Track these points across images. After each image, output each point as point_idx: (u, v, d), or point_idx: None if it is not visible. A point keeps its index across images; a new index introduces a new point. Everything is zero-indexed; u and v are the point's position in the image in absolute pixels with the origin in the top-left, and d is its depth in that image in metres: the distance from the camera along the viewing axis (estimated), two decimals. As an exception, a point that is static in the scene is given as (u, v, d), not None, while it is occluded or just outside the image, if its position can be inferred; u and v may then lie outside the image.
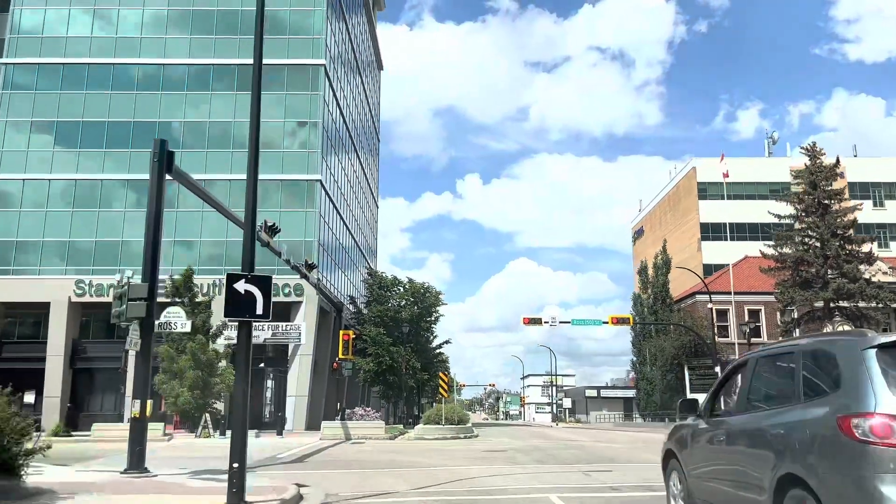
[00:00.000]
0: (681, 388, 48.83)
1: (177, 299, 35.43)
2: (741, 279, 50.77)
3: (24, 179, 43.18)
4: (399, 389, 42.47)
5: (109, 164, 43.58)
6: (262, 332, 40.43)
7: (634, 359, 59.48)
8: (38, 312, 41.53)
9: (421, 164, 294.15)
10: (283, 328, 40.56)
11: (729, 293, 45.20)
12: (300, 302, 41.13)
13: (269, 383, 42.67)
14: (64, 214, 42.91)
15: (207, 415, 28.80)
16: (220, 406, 35.32)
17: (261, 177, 36.78)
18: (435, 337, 52.25)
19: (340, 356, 33.44)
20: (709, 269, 65.23)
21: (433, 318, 45.85)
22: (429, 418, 28.84)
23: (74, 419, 39.78)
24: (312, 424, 38.20)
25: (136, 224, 42.69)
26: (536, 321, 40.79)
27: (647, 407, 54.17)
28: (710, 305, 43.46)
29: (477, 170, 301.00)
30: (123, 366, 37.00)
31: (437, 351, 52.38)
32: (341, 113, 51.48)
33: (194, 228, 43.12)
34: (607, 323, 41.78)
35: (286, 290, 41.10)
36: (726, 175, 46.16)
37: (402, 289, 45.75)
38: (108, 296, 40.82)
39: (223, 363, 33.98)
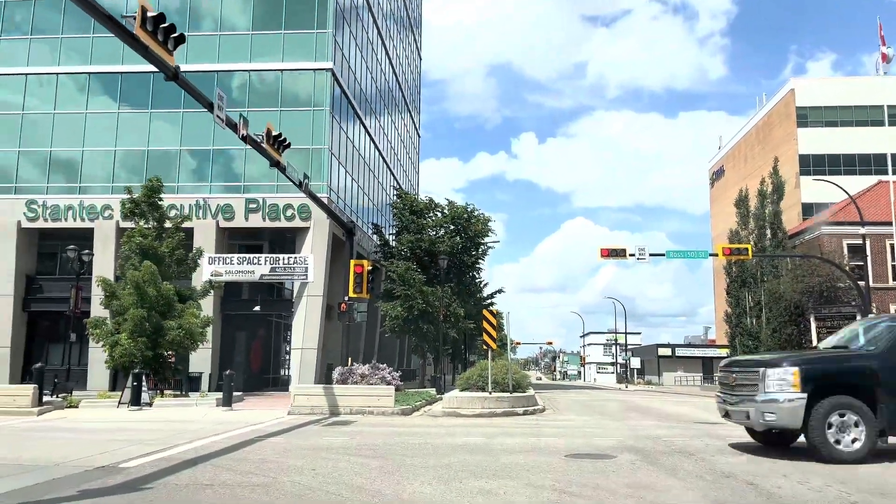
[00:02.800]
0: (800, 343, 37.88)
1: (139, 220, 26.36)
2: (874, 210, 39.12)
3: (-38, 74, 34.47)
4: (436, 342, 32.88)
5: (66, 53, 34.43)
6: (259, 267, 31.44)
7: (729, 310, 48.43)
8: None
9: (475, 124, 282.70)
10: (286, 262, 31.38)
11: (860, 224, 33.64)
12: (306, 228, 31.82)
13: (264, 332, 33.63)
14: (12, 118, 34.16)
15: (143, 373, 19.62)
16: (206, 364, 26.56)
17: (255, 66, 25.66)
18: (483, 283, 42.33)
19: (351, 294, 24.07)
20: (808, 210, 54.52)
21: (480, 252, 35.84)
22: (467, 382, 19.19)
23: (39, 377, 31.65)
24: (328, 382, 28.89)
25: (103, 129, 33.77)
26: (618, 253, 30.46)
27: (750, 368, 43.32)
28: (862, 231, 32.16)
29: (532, 129, 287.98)
30: (73, 305, 28.24)
31: (488, 301, 42.57)
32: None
33: (171, 133, 33.87)
34: (715, 255, 31.11)
35: (288, 213, 31.93)
36: (885, 58, 34.09)
37: (439, 214, 35.78)
38: (66, 220, 32.22)
39: (191, 304, 24.76)
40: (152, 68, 13.37)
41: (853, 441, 9.15)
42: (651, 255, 31.54)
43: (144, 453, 9.91)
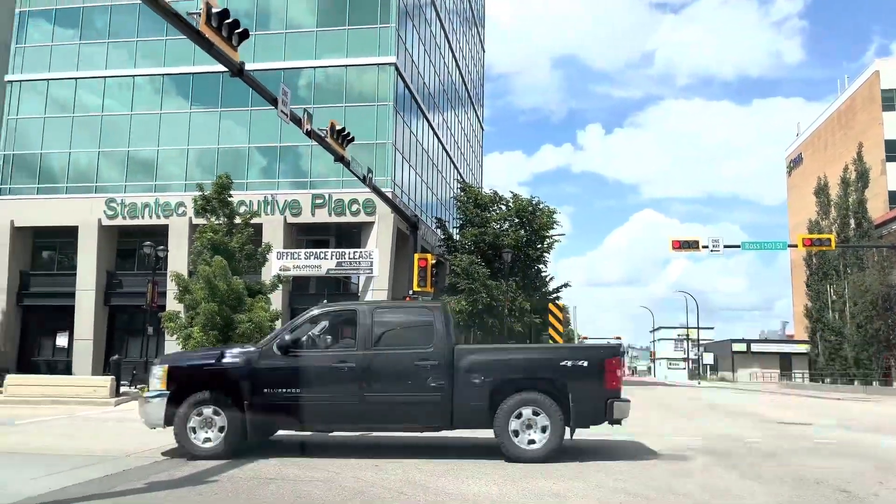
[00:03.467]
0: (888, 339, 35.81)
1: (210, 216, 27.03)
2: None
3: (48, 80, 36.11)
4: (500, 336, 32.55)
5: (142, 56, 35.64)
6: (325, 262, 31.76)
7: (809, 304, 46.27)
8: (67, 241, 34.82)
9: (539, 116, 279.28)
10: (352, 256, 31.58)
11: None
12: (371, 223, 31.97)
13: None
14: (93, 120, 35.62)
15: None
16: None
17: (320, 63, 25.75)
18: (548, 276, 41.71)
19: (415, 288, 23.95)
20: (895, 198, 51.52)
21: (545, 245, 35.28)
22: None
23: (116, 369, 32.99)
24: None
25: (176, 128, 34.87)
26: (691, 245, 29.38)
27: (833, 363, 41.30)
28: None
29: (598, 119, 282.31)
30: (150, 300, 29.18)
31: (554, 296, 41.87)
32: (426, -13, 41.02)
33: (240, 131, 34.64)
34: (795, 246, 29.64)
35: (353, 208, 32.11)
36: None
37: (503, 207, 35.39)
38: (143, 217, 33.42)
39: (260, 298, 25.15)
40: (222, 68, 13.54)
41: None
42: (725, 246, 30.37)
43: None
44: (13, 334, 35.23)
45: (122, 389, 23.39)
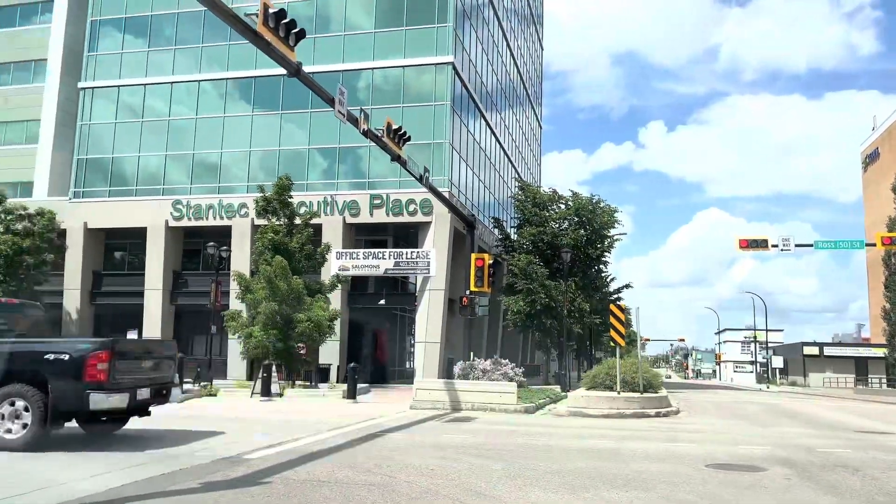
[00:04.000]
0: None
1: (271, 217, 27.57)
2: None
3: (118, 86, 37.36)
4: (559, 337, 31.99)
5: (207, 62, 36.48)
6: (383, 261, 31.86)
7: (888, 306, 43.95)
8: (136, 242, 35.93)
9: (599, 114, 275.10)
10: (409, 256, 31.57)
11: None
12: (428, 222, 31.89)
13: (390, 325, 34.05)
14: (160, 124, 36.69)
15: (273, 365, 20.23)
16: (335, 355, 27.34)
17: (378, 64, 25.84)
18: (609, 277, 40.80)
19: (472, 288, 23.77)
20: (981, 195, 48.15)
21: (605, 244, 34.47)
22: (593, 380, 18.25)
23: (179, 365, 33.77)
24: (448, 377, 28.88)
25: (239, 131, 35.59)
26: (759, 244, 28.19)
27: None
28: None
29: (661, 117, 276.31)
30: (213, 299, 29.77)
31: (615, 296, 41.03)
32: (483, -15, 40.66)
33: (300, 133, 35.09)
34: (873, 245, 28.11)
35: (411, 208, 32.08)
36: None
37: (562, 206, 34.75)
38: (207, 218, 34.19)
39: (319, 297, 25.41)
40: (282, 71, 13.59)
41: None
42: (797, 245, 29.00)
43: (268, 444, 9.98)
44: (87, 333, 36.54)
45: (186, 387, 23.93)
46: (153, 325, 35.17)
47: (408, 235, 34.87)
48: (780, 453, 10.45)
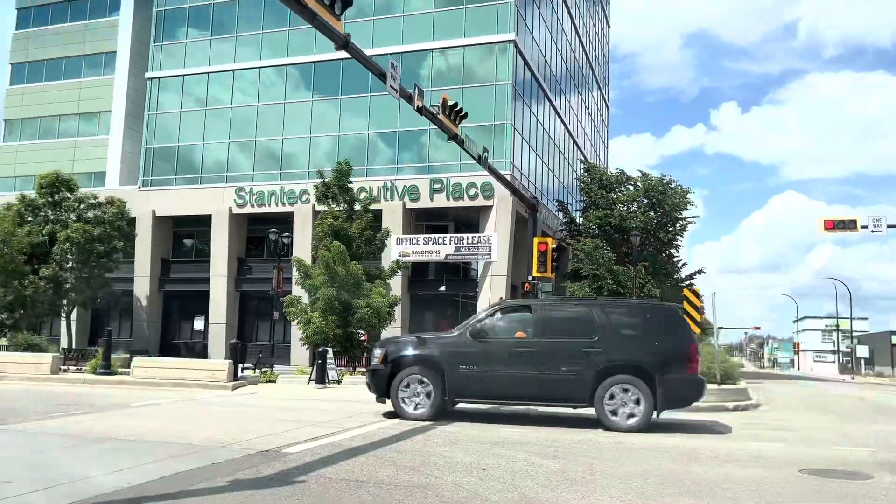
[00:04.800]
0: None
1: (331, 203, 27.32)
2: None
3: (183, 75, 37.82)
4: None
5: (268, 48, 36.48)
6: (443, 247, 31.15)
7: None
8: (202, 229, 36.37)
9: (669, 97, 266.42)
10: (470, 241, 30.74)
11: None
12: (489, 206, 30.92)
13: (451, 312, 33.34)
14: (223, 112, 36.95)
15: (329, 349, 19.76)
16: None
17: (437, 45, 25.01)
18: (680, 262, 38.84)
19: (534, 273, 22.68)
20: None
21: (677, 227, 32.71)
22: (666, 370, 16.84)
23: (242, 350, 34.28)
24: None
25: (300, 117, 35.50)
26: (846, 225, 26.08)
27: None
28: None
29: (734, 97, 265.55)
30: (276, 285, 29.77)
31: (687, 283, 39.02)
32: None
33: (360, 118, 34.64)
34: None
35: (471, 192, 31.18)
36: None
37: (631, 187, 33.16)
38: (270, 205, 34.28)
39: (378, 283, 24.90)
40: (342, 55, 12.96)
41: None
42: (889, 226, 26.64)
43: (311, 437, 9.32)
44: (156, 318, 37.36)
45: (240, 374, 23.86)
46: (218, 311, 35.58)
47: (469, 220, 34.03)
48: (886, 456, 9.12)
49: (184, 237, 38.99)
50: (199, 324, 37.29)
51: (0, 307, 26.90)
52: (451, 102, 16.98)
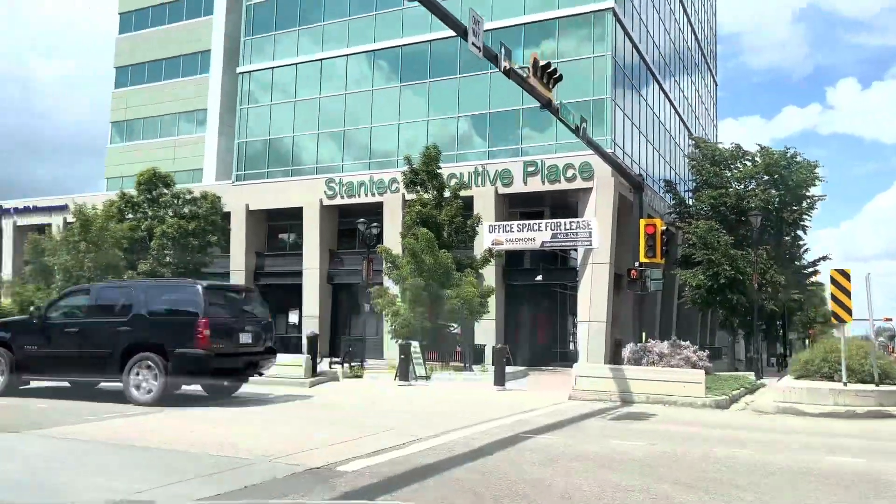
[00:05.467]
0: None
1: (419, 190, 26.04)
2: None
3: (272, 68, 37.53)
4: (748, 316, 27.41)
5: (354, 35, 35.52)
6: (539, 233, 29.14)
7: None
8: (294, 222, 35.93)
9: (779, 76, 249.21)
10: (568, 227, 28.55)
11: None
12: (588, 189, 28.61)
13: (548, 303, 31.21)
14: (312, 103, 36.38)
15: (416, 344, 18.24)
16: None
17: (527, 19, 22.59)
18: (804, 247, 34.86)
19: (642, 259, 20.32)
20: None
21: (804, 206, 29.13)
22: (805, 367, 14.30)
23: (333, 344, 33.78)
24: (616, 361, 25.59)
25: (387, 104, 34.38)
26: None
27: None
28: None
29: (853, 73, 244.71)
30: (367, 275, 28.78)
31: (810, 270, 35.11)
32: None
33: (449, 101, 33.05)
34: None
35: (568, 174, 29.03)
36: None
37: (748, 163, 29.82)
38: (360, 195, 33.33)
39: (469, 272, 23.30)
40: (430, 36, 11.45)
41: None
42: None
43: (376, 450, 7.69)
44: (252, 311, 37.35)
45: (334, 368, 22.80)
46: (311, 304, 35.02)
47: (566, 205, 31.71)
48: None
49: (277, 230, 38.79)
50: (293, 317, 36.96)
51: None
52: (542, 62, 14.97)
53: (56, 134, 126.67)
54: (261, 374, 12.80)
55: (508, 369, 24.07)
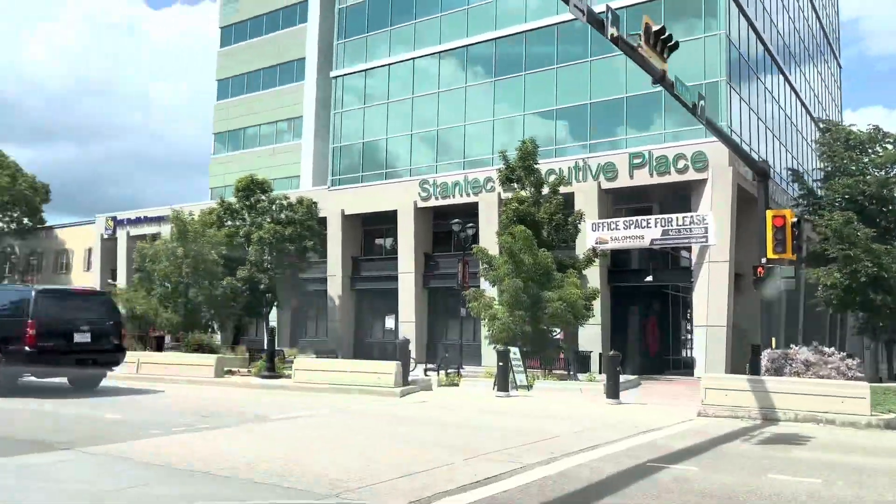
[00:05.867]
0: None
1: (516, 187, 24.59)
2: None
3: (365, 70, 37.05)
4: (893, 319, 24.00)
5: (447, 31, 34.46)
6: (648, 231, 27.00)
7: None
8: (389, 226, 35.19)
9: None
10: (680, 223, 26.24)
11: None
12: (703, 180, 26.14)
13: (660, 307, 28.80)
14: (404, 104, 35.56)
15: (515, 350, 16.65)
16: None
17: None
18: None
19: (769, 255, 17.98)
20: None
21: (961, 193, 25.38)
22: None
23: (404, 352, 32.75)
24: (739, 369, 22.98)
25: (481, 101, 33.10)
26: None
27: None
28: None
29: None
30: (462, 278, 27.64)
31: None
32: None
33: (546, 94, 31.34)
34: None
35: (679, 164, 26.73)
36: None
37: (888, 146, 26.27)
38: (454, 196, 32.18)
39: (571, 272, 21.57)
40: (526, 27, 9.98)
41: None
42: None
43: (473, 481, 6.16)
44: (349, 318, 36.83)
45: (430, 375, 21.51)
46: (407, 309, 34.04)
47: (677, 200, 29.12)
48: None
49: (372, 235, 38.19)
50: (389, 322, 36.18)
51: (192, 308, 27.11)
52: (655, 27, 13.04)
53: (169, 151, 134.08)
54: (111, 370, 14.61)
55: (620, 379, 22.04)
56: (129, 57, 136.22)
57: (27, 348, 12.71)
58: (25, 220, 49.78)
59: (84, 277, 46.62)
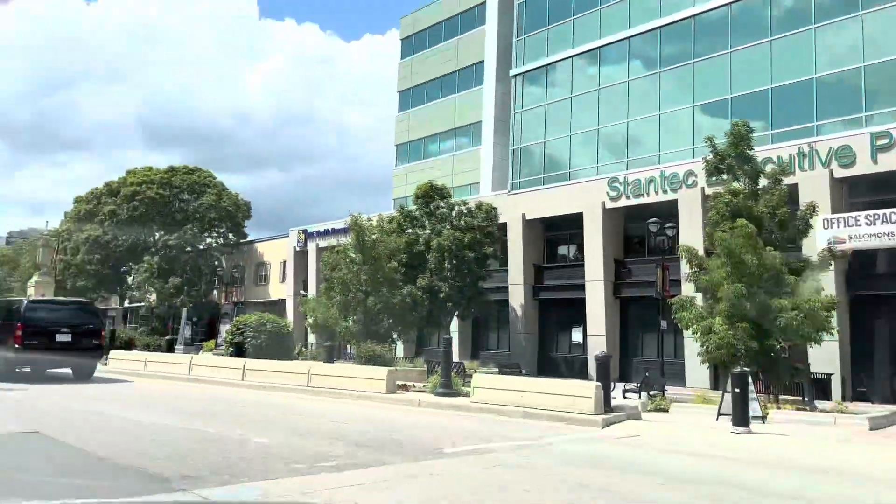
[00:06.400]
0: None
1: (725, 177, 20.93)
2: None
3: (546, 65, 34.77)
4: None
5: (636, 12, 31.21)
6: (850, 229, 21.76)
7: None
8: (573, 231, 32.45)
9: None
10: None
11: None
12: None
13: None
14: (590, 97, 32.71)
15: (748, 374, 13.15)
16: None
17: None
18: None
19: None
20: None
21: None
22: None
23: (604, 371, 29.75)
24: None
25: (677, 85, 29.47)
26: None
27: None
28: None
29: None
30: (662, 285, 24.43)
31: None
32: None
33: (756, 73, 27.00)
34: None
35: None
36: None
37: None
38: (648, 194, 28.85)
39: (808, 276, 17.65)
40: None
41: None
42: None
43: None
44: (532, 330, 34.38)
45: (629, 398, 18.43)
46: (596, 321, 30.89)
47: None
48: None
49: (555, 241, 35.50)
50: (576, 335, 33.19)
51: (370, 317, 26.13)
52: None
53: (361, 172, 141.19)
54: (92, 365, 18.46)
55: (873, 412, 17.43)
56: (326, 87, 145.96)
57: (17, 345, 16.77)
58: (231, 236, 53.43)
59: (280, 289, 48.70)
